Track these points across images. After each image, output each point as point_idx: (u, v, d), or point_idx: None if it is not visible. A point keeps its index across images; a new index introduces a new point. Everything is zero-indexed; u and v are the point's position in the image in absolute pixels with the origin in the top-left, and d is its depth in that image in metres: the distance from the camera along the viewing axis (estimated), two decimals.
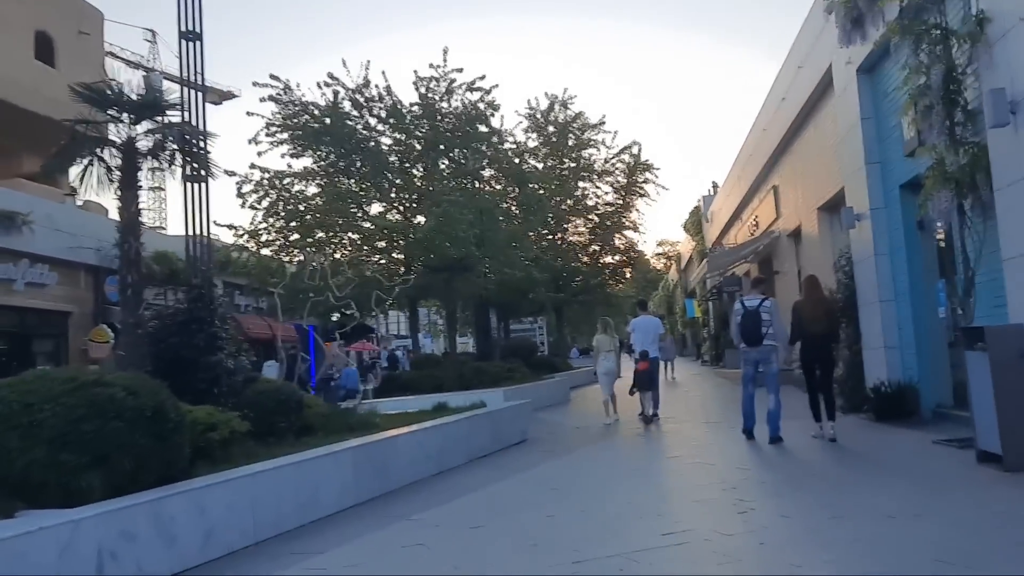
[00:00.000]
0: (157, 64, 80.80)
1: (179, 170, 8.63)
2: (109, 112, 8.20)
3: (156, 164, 8.46)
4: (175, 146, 8.34)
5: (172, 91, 9.19)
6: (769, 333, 9.66)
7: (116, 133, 8.25)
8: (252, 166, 20.54)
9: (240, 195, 19.15)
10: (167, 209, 71.28)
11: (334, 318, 32.30)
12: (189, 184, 8.80)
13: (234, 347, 9.05)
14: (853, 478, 7.41)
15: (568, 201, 30.99)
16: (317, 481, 7.16)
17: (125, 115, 8.13)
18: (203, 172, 8.76)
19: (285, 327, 30.81)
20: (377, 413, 10.85)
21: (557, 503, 6.96)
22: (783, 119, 17.21)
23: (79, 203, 30.73)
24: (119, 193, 7.95)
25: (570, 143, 30.53)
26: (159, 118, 8.29)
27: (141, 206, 8.58)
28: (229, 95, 63.85)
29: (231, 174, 19.23)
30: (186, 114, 8.97)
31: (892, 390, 11.04)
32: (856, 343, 12.43)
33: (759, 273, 23.26)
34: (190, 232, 9.17)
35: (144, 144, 8.15)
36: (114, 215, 11.95)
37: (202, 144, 8.80)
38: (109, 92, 8.12)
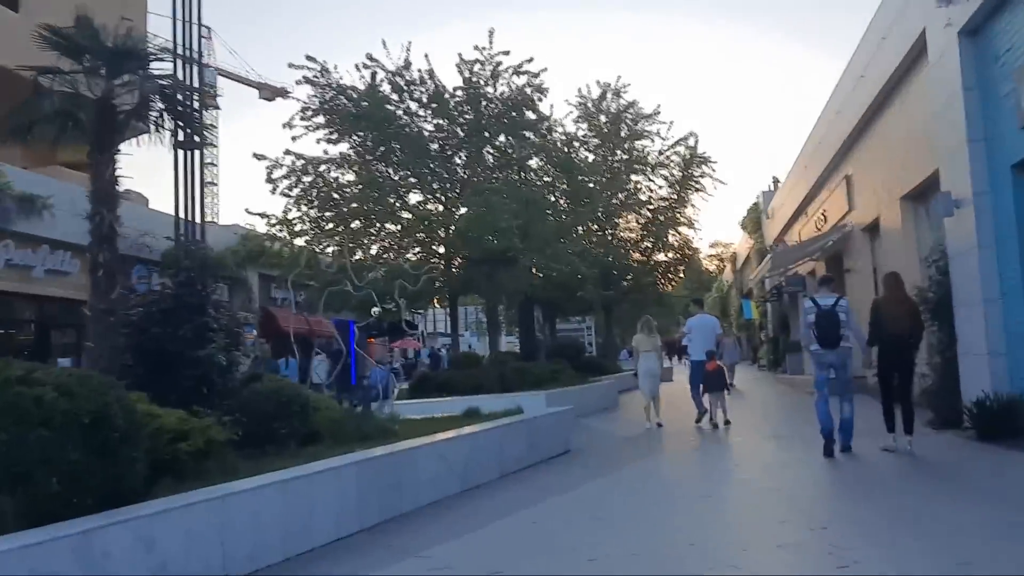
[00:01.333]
0: (212, 60, 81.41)
1: (168, 134, 7.44)
2: (82, 62, 7.02)
3: (144, 127, 7.25)
4: (162, 105, 7.15)
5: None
6: (846, 334, 8.80)
7: (90, 88, 7.07)
8: (287, 152, 19.53)
9: (270, 180, 18.07)
10: (219, 202, 71.04)
11: (374, 313, 31.48)
12: (179, 151, 7.63)
13: (229, 339, 7.83)
14: (969, 515, 5.89)
15: (620, 195, 29.43)
16: (311, 503, 5.90)
17: (101, 66, 6.94)
18: (195, 137, 7.58)
19: (324, 322, 29.98)
20: (398, 418, 9.60)
21: (601, 539, 5.59)
22: (861, 99, 15.53)
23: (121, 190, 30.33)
24: (92, 157, 6.79)
25: (622, 133, 28.96)
26: (144, 72, 7.10)
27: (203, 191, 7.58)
28: (283, 92, 63.34)
29: (260, 158, 18.19)
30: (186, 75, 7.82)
31: (999, 404, 9.38)
32: (949, 349, 10.80)
33: (827, 271, 21.55)
34: (181, 206, 7.97)
35: (124, 102, 6.96)
36: (156, 205, 11.03)
37: (196, 105, 7.61)
38: (81, 38, 6.93)
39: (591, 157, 28.76)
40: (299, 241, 19.77)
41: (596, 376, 21.17)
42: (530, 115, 21.15)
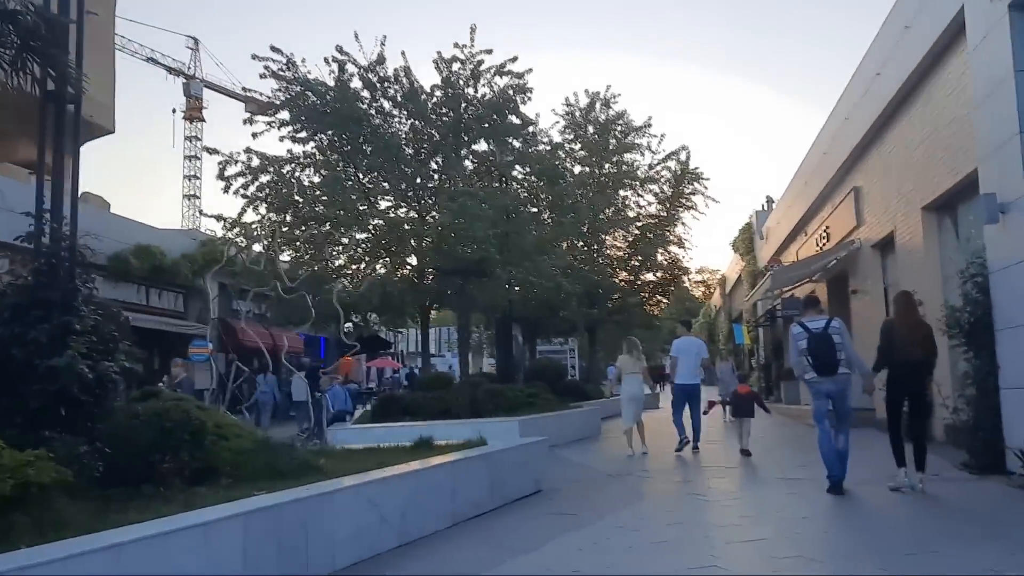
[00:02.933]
0: (199, 72, 79.77)
1: (31, 81, 5.77)
2: None
3: None
4: (18, 40, 5.48)
5: None
6: (843, 359, 8.12)
7: None
8: (247, 150, 17.88)
9: (223, 177, 16.34)
10: (199, 210, 68.89)
11: (346, 327, 29.64)
12: (48, 104, 5.97)
13: (102, 344, 6.08)
14: None
15: (607, 210, 27.89)
16: None
17: None
18: (69, 87, 5.93)
19: (293, 337, 28.14)
20: (331, 450, 7.92)
21: None
22: (875, 100, 14.06)
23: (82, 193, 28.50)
24: None
25: (611, 146, 27.48)
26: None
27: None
28: (269, 106, 61.44)
29: (213, 152, 16.50)
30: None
31: None
32: (988, 379, 9.20)
33: (826, 294, 20.02)
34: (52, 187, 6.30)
35: None
36: (117, 210, 9.39)
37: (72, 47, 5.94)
38: None
39: (577, 169, 27.30)
40: (256, 247, 18.04)
41: (578, 402, 19.45)
42: (513, 119, 19.59)
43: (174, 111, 77.94)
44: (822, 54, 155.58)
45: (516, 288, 20.69)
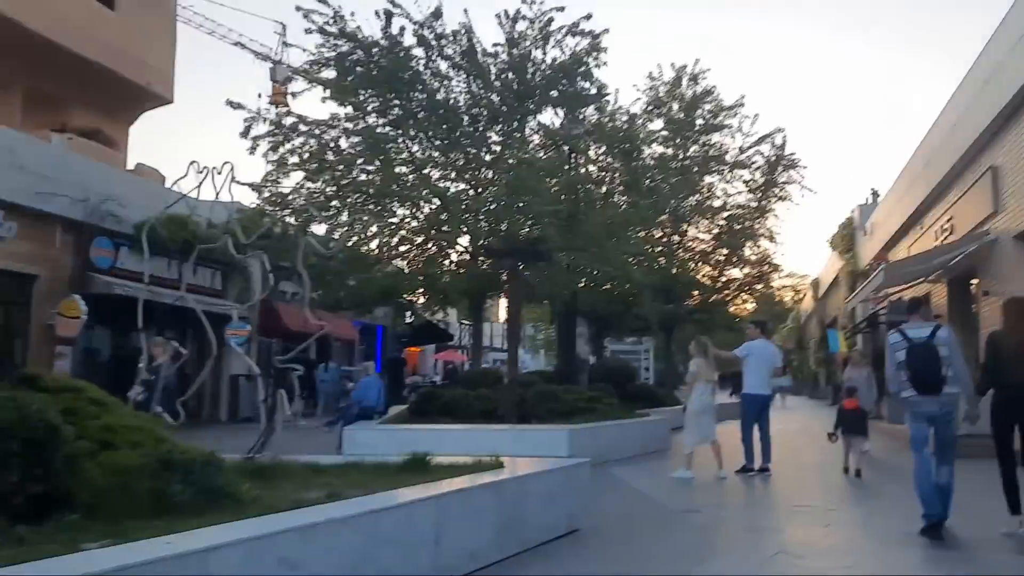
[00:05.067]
0: (285, 57, 79.99)
1: None
2: None
3: None
4: None
5: None
6: (950, 376, 6.69)
7: None
8: (287, 112, 16.08)
9: (247, 136, 14.50)
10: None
11: (408, 318, 27.75)
12: None
13: None
14: None
15: (691, 197, 25.29)
16: None
17: None
18: None
19: (344, 324, 26.49)
20: (286, 466, 5.87)
21: None
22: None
23: (131, 167, 27.48)
24: None
25: (697, 125, 24.85)
26: None
27: None
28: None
29: (237, 107, 14.68)
30: None
31: None
32: None
33: (935, 296, 17.13)
34: None
35: None
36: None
37: None
38: None
39: (660, 150, 24.78)
40: (290, 220, 16.20)
41: (645, 409, 17.03)
42: (586, 85, 17.25)
43: (259, 96, 78.41)
44: (957, 9, 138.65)
45: (581, 277, 18.47)
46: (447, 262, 17.31)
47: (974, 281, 15.60)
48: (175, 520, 4.10)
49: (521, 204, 14.48)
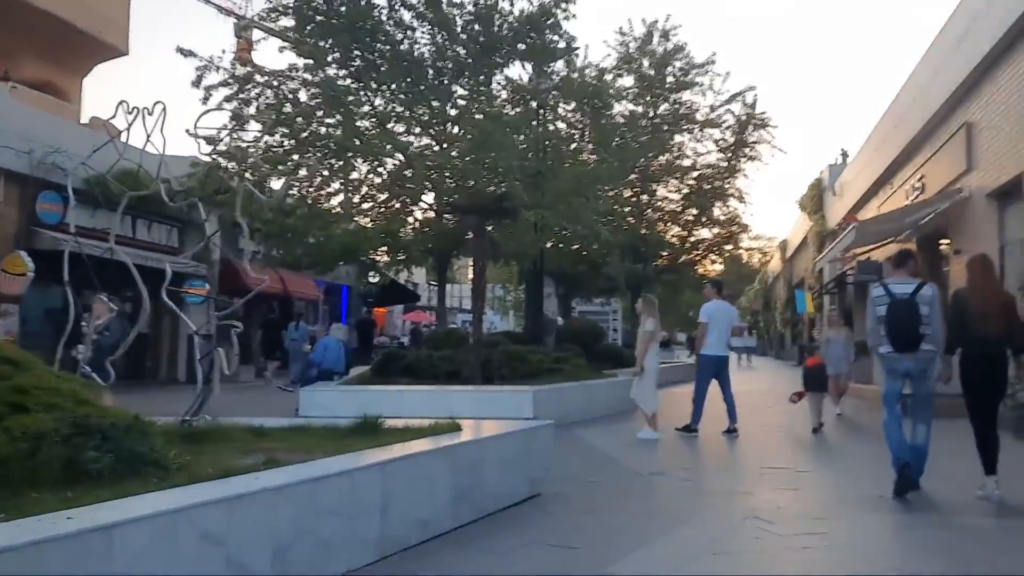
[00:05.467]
0: (250, 11, 77.76)
1: None
2: None
3: None
4: None
5: None
6: (929, 334, 6.63)
7: None
8: (242, 62, 15.39)
9: (199, 85, 13.79)
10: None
11: (373, 278, 27.12)
12: None
13: None
14: None
15: (661, 157, 24.93)
16: None
17: None
18: None
19: (307, 283, 25.88)
20: (226, 430, 5.46)
21: None
22: (1006, 8, 10.96)
23: (85, 120, 26.41)
24: None
25: (668, 83, 24.40)
26: None
27: None
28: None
29: (187, 54, 13.95)
30: None
31: None
32: None
33: (908, 251, 16.95)
34: None
35: None
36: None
37: None
38: None
39: (630, 108, 24.36)
40: (248, 175, 15.54)
41: (613, 370, 16.79)
42: (554, 39, 16.69)
43: (223, 52, 76.30)
44: None
45: (548, 236, 18.09)
46: (410, 219, 16.81)
47: (944, 241, 15.45)
48: (88, 491, 3.69)
49: (487, 161, 13.99)
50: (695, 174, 25.68)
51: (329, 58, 15.46)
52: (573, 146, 19.09)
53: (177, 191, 7.32)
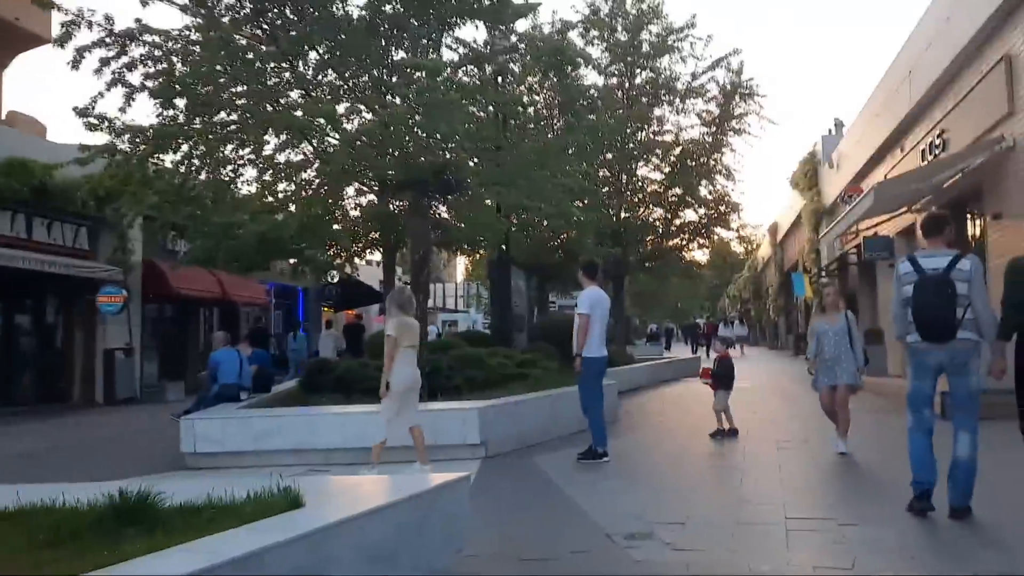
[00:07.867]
0: None
1: None
2: None
3: None
4: None
5: None
6: (968, 319, 5.21)
7: None
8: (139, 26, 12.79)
9: (63, 44, 11.16)
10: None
11: (332, 277, 24.65)
12: None
13: None
14: None
15: (639, 132, 22.53)
16: None
17: None
18: None
19: (251, 285, 23.31)
20: None
21: None
22: None
23: (2, 116, 23.75)
24: None
25: (644, 48, 21.98)
26: None
27: None
28: None
29: (48, 6, 11.34)
30: None
31: None
32: None
33: (943, 215, 14.61)
34: None
35: None
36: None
37: None
38: None
39: (602, 80, 21.99)
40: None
41: None
42: None
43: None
44: None
45: (511, 218, 15.68)
46: (343, 204, 14.33)
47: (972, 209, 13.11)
48: None
49: (437, 134, 11.50)
50: (678, 150, 23.22)
51: (226, 18, 12.80)
52: (538, 118, 16.63)
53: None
